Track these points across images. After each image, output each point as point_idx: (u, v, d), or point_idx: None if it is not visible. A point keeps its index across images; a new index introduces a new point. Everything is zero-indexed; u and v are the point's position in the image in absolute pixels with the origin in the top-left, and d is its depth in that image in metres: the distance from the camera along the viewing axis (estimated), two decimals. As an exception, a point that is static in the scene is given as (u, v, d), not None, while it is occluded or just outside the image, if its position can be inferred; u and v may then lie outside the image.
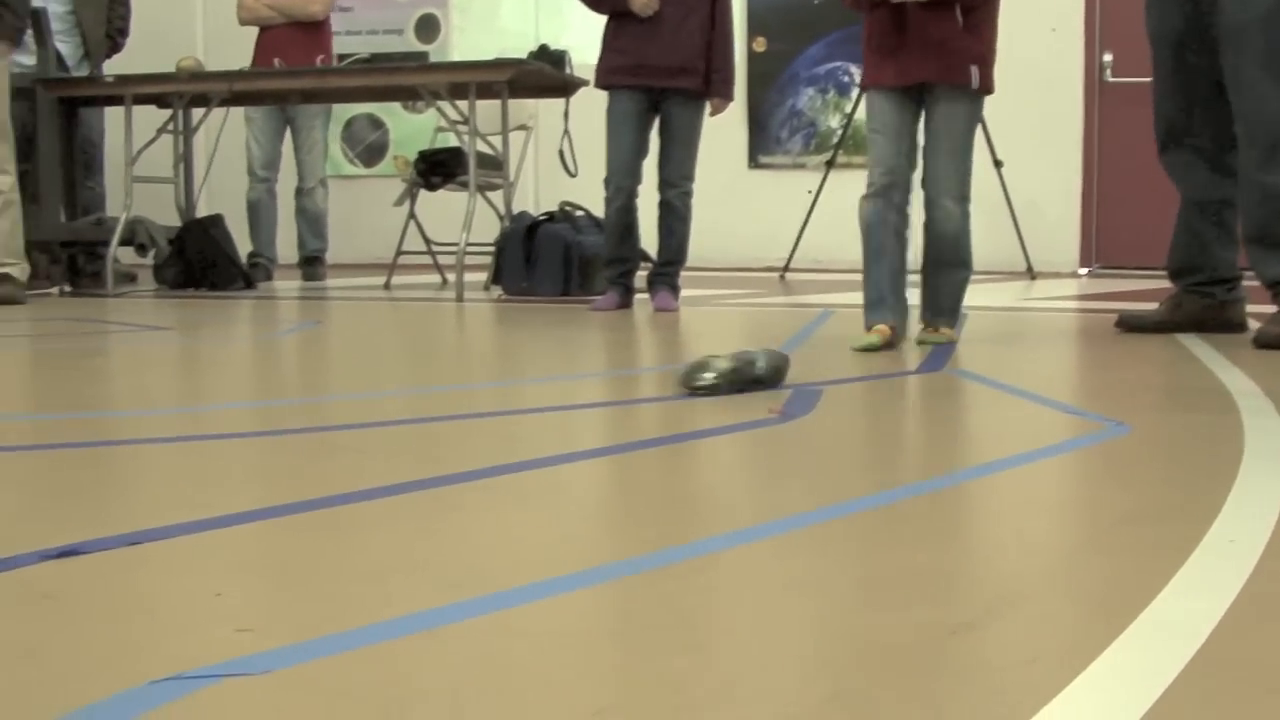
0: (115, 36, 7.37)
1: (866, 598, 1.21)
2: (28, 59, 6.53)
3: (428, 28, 9.53)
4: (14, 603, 1.22)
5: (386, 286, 6.61)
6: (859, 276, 3.76)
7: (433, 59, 9.14)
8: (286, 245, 7.55)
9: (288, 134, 7.26)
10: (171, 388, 2.99)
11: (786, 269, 7.75)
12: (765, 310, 5.36)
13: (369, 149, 9.53)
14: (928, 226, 3.73)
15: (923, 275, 3.77)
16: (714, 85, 5.14)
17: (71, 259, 6.72)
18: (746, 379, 2.63)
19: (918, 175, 3.72)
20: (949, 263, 3.74)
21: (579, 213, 6.16)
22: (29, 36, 6.30)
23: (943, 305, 3.77)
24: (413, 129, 9.17)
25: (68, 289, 6.53)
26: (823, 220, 7.59)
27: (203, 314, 5.08)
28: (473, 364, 3.43)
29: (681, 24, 5.02)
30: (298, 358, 3.60)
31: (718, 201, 8.70)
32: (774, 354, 2.74)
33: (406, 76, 6.36)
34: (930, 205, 3.70)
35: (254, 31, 7.21)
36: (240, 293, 6.38)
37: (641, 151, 5.14)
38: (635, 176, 5.13)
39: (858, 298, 3.77)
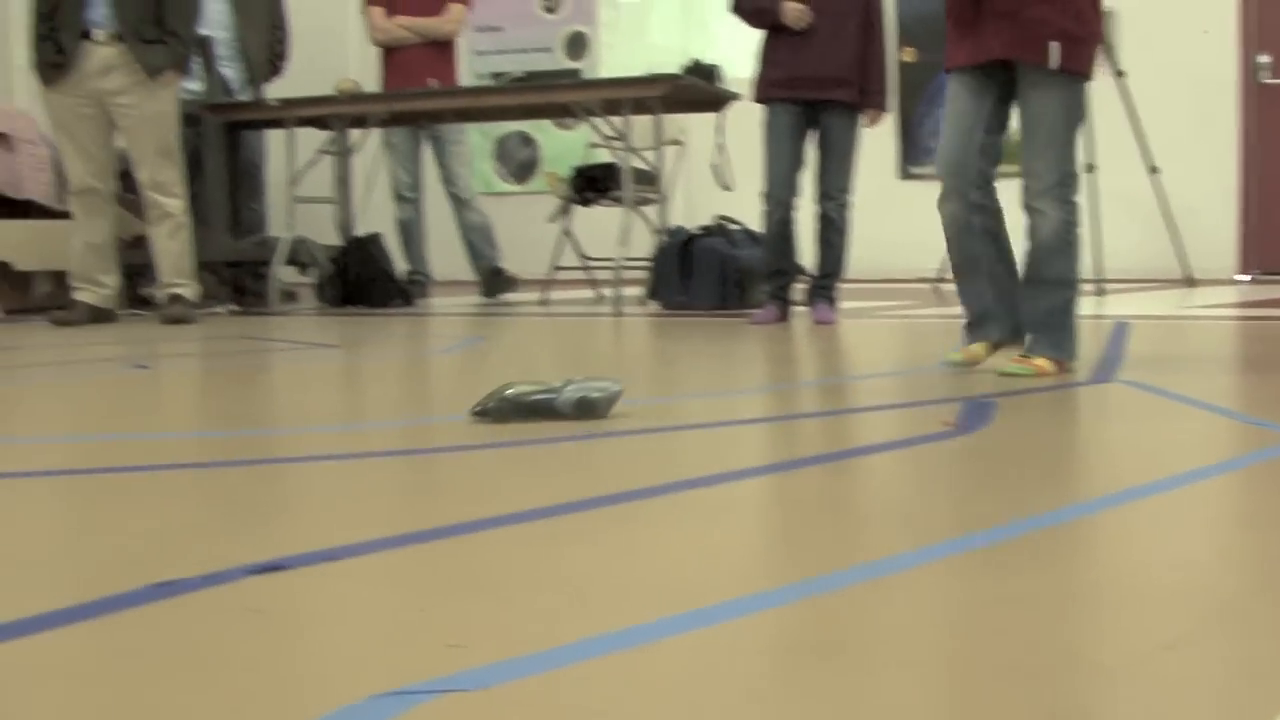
0: (275, 61, 7.56)
1: (1071, 613, 1.19)
2: (194, 84, 6.73)
3: (577, 45, 9.61)
4: (225, 617, 1.26)
5: (543, 302, 6.68)
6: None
7: (583, 76, 9.21)
8: (447, 261, 7.66)
9: (429, 154, 7.34)
10: (349, 404, 3.05)
11: (939, 280, 7.66)
12: (922, 322, 5.31)
13: (520, 166, 9.64)
14: (1026, 233, 3.24)
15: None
16: (869, 97, 5.11)
17: (236, 278, 6.90)
18: (539, 409, 2.51)
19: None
20: (1042, 278, 3.19)
21: (735, 227, 6.17)
22: (196, 63, 6.49)
23: (1037, 328, 3.21)
24: (563, 145, 9.25)
25: (234, 308, 6.71)
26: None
27: (367, 331, 5.18)
28: (636, 379, 3.45)
29: (835, 36, 5.00)
30: (466, 374, 3.65)
31: (869, 213, 8.61)
32: (598, 386, 2.57)
33: (561, 94, 6.42)
34: (1025, 208, 3.22)
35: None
36: (400, 309, 6.50)
37: (799, 164, 5.13)
38: (793, 189, 5.12)
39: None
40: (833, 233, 5.19)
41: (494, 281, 7.25)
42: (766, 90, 5.13)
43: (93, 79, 5.65)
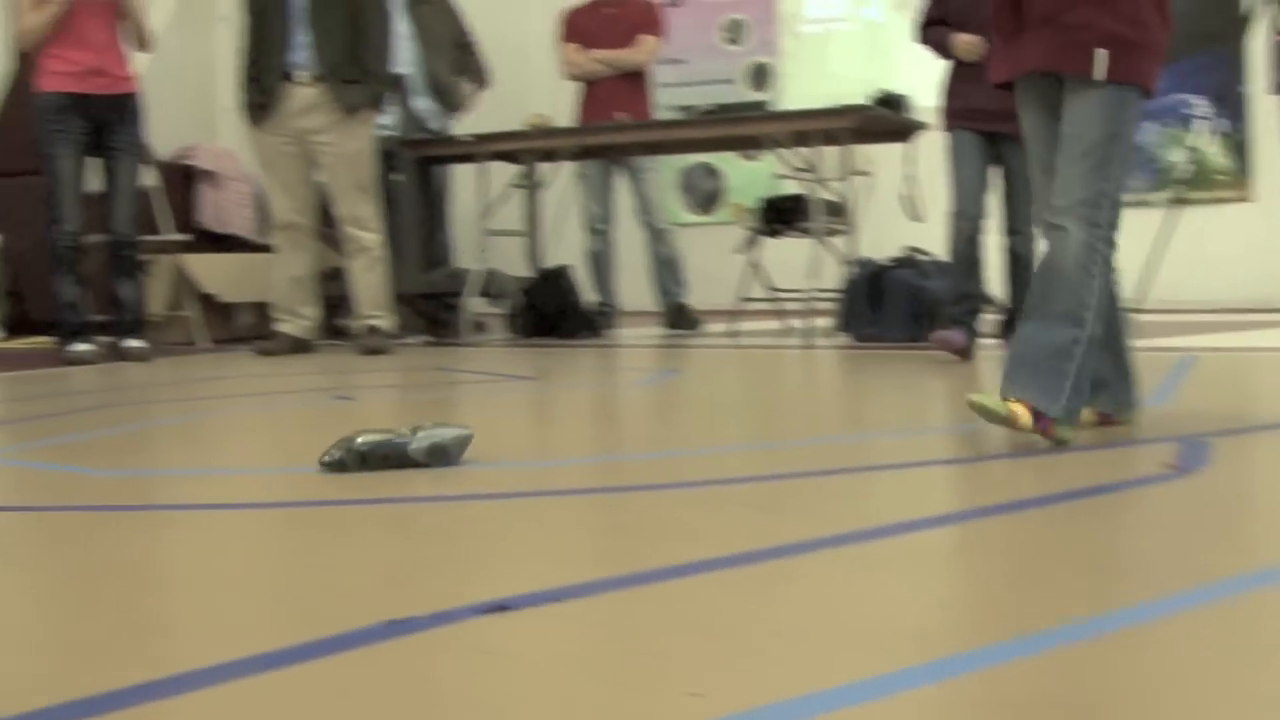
0: (475, 81, 7.68)
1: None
2: (388, 120, 6.89)
3: (760, 76, 9.61)
4: (456, 658, 1.28)
5: (731, 333, 6.67)
6: (1214, 317, 3.54)
7: (766, 107, 9.21)
8: (634, 291, 7.71)
9: (619, 185, 7.40)
10: (550, 437, 3.09)
11: (1138, 310, 7.47)
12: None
13: (705, 197, 9.67)
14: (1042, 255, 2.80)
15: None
16: None
17: (429, 309, 7.03)
18: (389, 456, 2.47)
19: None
20: (1048, 308, 2.69)
21: (924, 258, 6.09)
22: (391, 99, 6.65)
23: (1025, 366, 2.67)
24: (748, 176, 9.25)
25: (427, 338, 6.84)
26: (1171, 258, 7.30)
27: (559, 362, 5.24)
28: (827, 415, 3.42)
29: None
30: (665, 408, 3.67)
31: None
32: (448, 432, 2.54)
33: (752, 126, 6.43)
34: (1044, 226, 2.81)
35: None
36: (588, 340, 6.55)
37: (984, 185, 5.03)
38: (980, 208, 5.02)
39: (1218, 340, 3.58)
40: (1021, 269, 5.07)
41: (678, 317, 7.28)
42: (948, 120, 5.06)
43: (295, 118, 5.82)
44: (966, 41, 4.90)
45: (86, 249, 5.81)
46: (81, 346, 5.68)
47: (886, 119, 6.11)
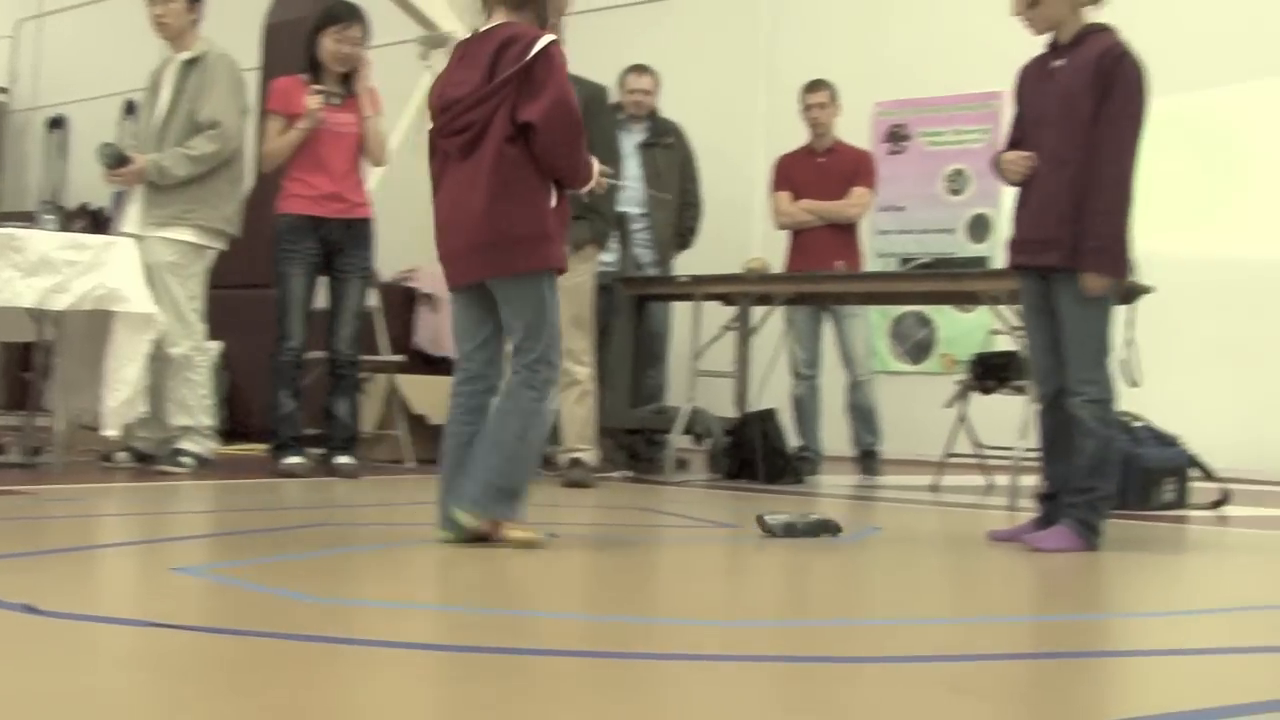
0: (685, 235, 7.82)
1: None
2: (608, 256, 7.01)
3: (979, 228, 9.53)
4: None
5: (934, 488, 6.55)
6: None
7: (986, 259, 9.13)
8: (836, 437, 7.65)
9: (827, 331, 7.39)
10: (747, 596, 3.05)
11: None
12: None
13: (916, 346, 9.58)
14: None
15: None
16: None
17: (633, 444, 7.07)
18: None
19: None
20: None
21: (1138, 424, 5.91)
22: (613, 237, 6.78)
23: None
24: (961, 328, 9.14)
25: (629, 474, 6.86)
26: None
27: (758, 509, 5.21)
28: (1032, 591, 3.31)
29: None
30: (865, 568, 3.60)
31: None
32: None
33: (968, 282, 6.37)
34: None
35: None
36: (790, 486, 6.50)
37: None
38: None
39: None
40: (1080, 435, 4.08)
41: (866, 463, 7.29)
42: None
43: (516, 249, 5.96)
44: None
45: (307, 365, 6.01)
46: (294, 459, 5.85)
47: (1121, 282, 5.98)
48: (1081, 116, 3.93)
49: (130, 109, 5.97)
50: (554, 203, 3.61)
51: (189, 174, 5.79)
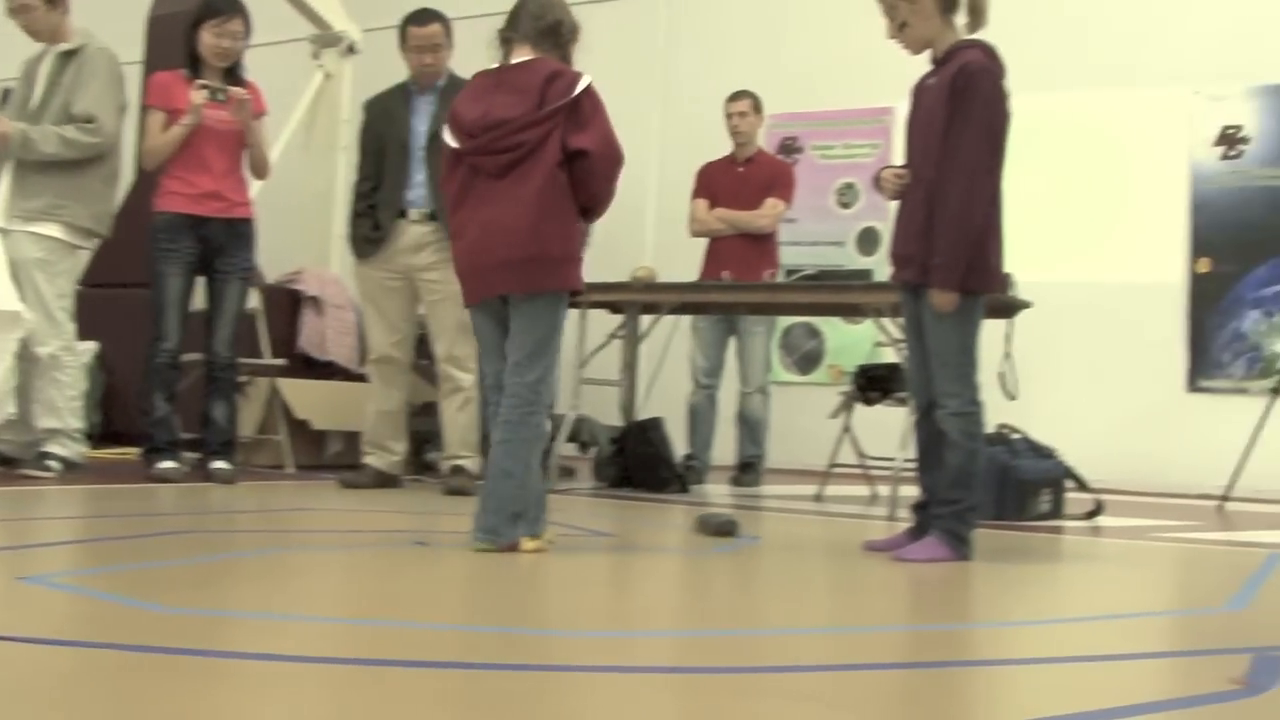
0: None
1: None
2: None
3: (868, 241, 9.60)
4: None
5: (818, 498, 6.57)
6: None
7: (873, 273, 9.20)
8: (722, 447, 7.65)
9: (731, 341, 7.39)
10: (624, 606, 3.00)
11: (1225, 498, 7.26)
12: (1201, 550, 4.94)
13: (805, 357, 9.62)
14: None
15: None
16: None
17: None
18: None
19: None
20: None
21: (1016, 435, 5.98)
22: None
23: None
24: (849, 340, 9.20)
25: (513, 481, 6.78)
26: (1268, 449, 7.12)
27: (641, 518, 5.17)
28: (904, 600, 3.31)
29: None
30: (741, 577, 3.58)
31: (1153, 425, 8.36)
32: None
33: (853, 295, 6.39)
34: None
35: (701, 242, 7.43)
36: (674, 496, 6.47)
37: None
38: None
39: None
40: (946, 447, 4.10)
41: (744, 473, 7.34)
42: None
43: (404, 255, 5.88)
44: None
45: (183, 367, 5.87)
46: (168, 464, 5.71)
47: (989, 296, 6.03)
48: (937, 132, 3.98)
49: (6, 97, 5.79)
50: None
51: (56, 154, 5.57)
